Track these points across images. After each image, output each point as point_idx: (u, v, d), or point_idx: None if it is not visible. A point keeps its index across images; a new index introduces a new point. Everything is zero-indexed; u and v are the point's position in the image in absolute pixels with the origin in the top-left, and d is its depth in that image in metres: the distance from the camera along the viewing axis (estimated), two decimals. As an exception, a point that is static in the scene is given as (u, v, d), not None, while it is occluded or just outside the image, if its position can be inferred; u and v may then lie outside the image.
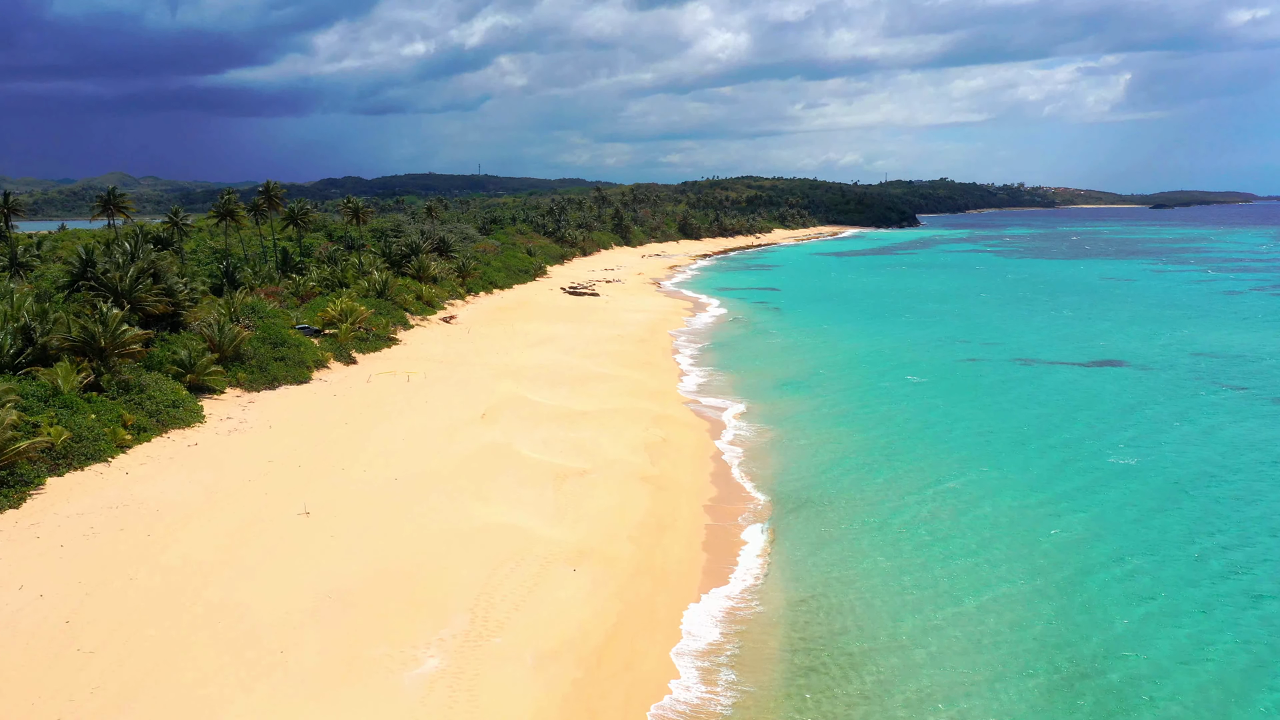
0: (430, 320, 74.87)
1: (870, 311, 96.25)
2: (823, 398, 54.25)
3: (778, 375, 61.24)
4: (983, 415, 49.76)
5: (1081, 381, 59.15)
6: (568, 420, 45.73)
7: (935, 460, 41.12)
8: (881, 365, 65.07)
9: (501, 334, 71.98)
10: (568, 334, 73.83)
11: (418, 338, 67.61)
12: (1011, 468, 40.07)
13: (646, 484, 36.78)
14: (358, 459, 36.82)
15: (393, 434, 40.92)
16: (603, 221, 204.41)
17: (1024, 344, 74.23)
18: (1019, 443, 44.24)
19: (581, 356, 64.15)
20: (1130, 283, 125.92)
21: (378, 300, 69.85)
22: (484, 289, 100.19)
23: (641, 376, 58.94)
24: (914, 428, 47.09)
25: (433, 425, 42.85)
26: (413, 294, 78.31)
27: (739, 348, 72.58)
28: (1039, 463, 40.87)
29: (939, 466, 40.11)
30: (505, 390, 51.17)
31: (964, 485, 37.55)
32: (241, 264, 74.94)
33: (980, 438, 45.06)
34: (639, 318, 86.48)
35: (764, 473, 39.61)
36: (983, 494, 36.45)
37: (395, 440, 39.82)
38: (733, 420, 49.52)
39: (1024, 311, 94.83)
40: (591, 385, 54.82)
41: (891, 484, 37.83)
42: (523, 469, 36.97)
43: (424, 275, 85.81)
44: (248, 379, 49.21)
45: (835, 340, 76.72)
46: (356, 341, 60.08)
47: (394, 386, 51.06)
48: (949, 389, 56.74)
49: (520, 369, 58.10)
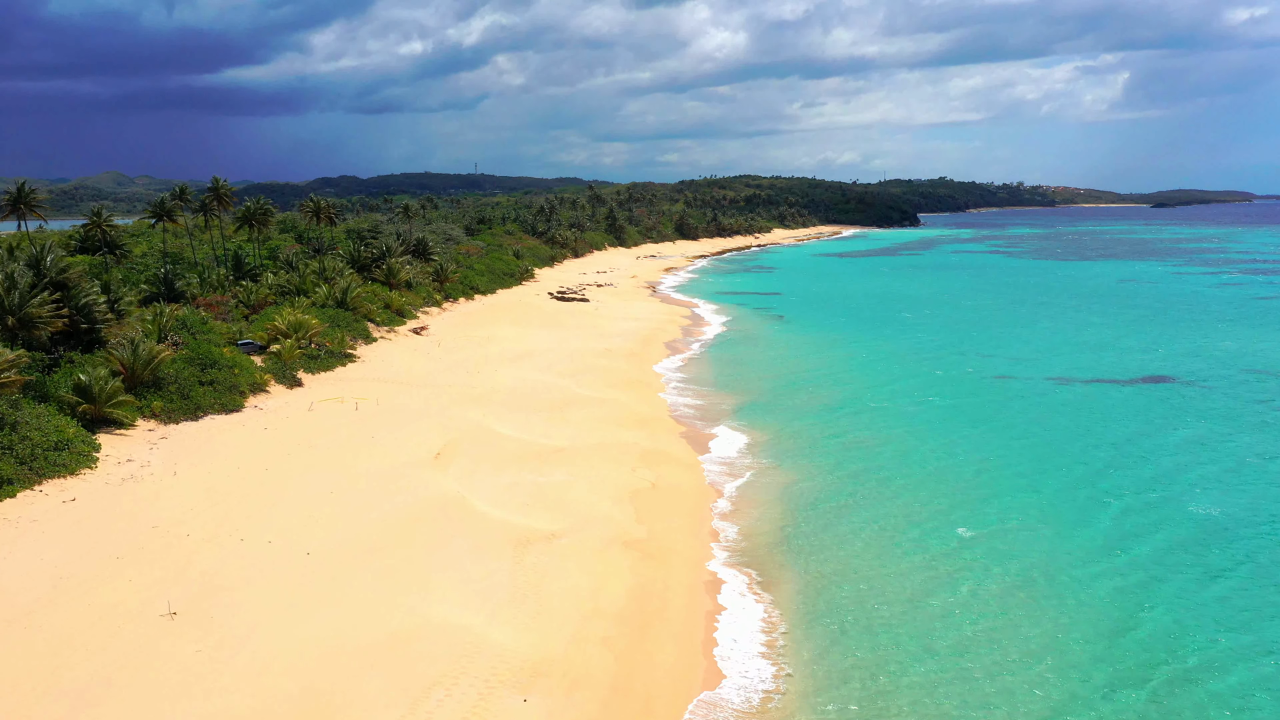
0: (397, 332, 67.49)
1: (881, 319, 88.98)
2: (837, 427, 46.98)
3: (785, 397, 53.97)
4: (1021, 451, 42.53)
5: (1130, 404, 51.91)
6: (539, 460, 38.43)
7: (968, 514, 33.90)
8: (901, 384, 57.78)
9: (475, 347, 64.64)
10: (550, 347, 66.51)
11: (380, 353, 60.23)
12: (1065, 524, 32.84)
13: (630, 551, 29.49)
14: (269, 521, 29.47)
15: (321, 482, 33.57)
16: (596, 221, 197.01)
17: (1055, 358, 67.00)
18: (1069, 488, 37.01)
19: (563, 374, 56.83)
20: (1154, 286, 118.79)
21: (336, 311, 62.46)
22: (464, 294, 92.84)
23: (630, 399, 51.65)
24: (942, 469, 39.83)
25: (374, 469, 35.51)
26: (379, 302, 70.96)
27: (741, 363, 65.29)
28: (1099, 517, 33.67)
29: (973, 521, 32.86)
30: (469, 420, 43.85)
31: (1006, 550, 30.41)
32: (187, 270, 67.51)
33: (1022, 482, 37.78)
34: (631, 327, 79.18)
35: (772, 530, 32.33)
36: (1032, 563, 29.29)
37: (322, 492, 32.47)
38: (736, 455, 42.28)
39: (1048, 319, 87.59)
40: (572, 411, 47.54)
41: (921, 548, 30.60)
42: (476, 532, 29.67)
43: (394, 281, 78.43)
44: (165, 408, 41.85)
45: (846, 354, 69.44)
46: (306, 360, 52.75)
47: (338, 416, 43.73)
48: (979, 416, 49.47)
49: (491, 391, 50.77)
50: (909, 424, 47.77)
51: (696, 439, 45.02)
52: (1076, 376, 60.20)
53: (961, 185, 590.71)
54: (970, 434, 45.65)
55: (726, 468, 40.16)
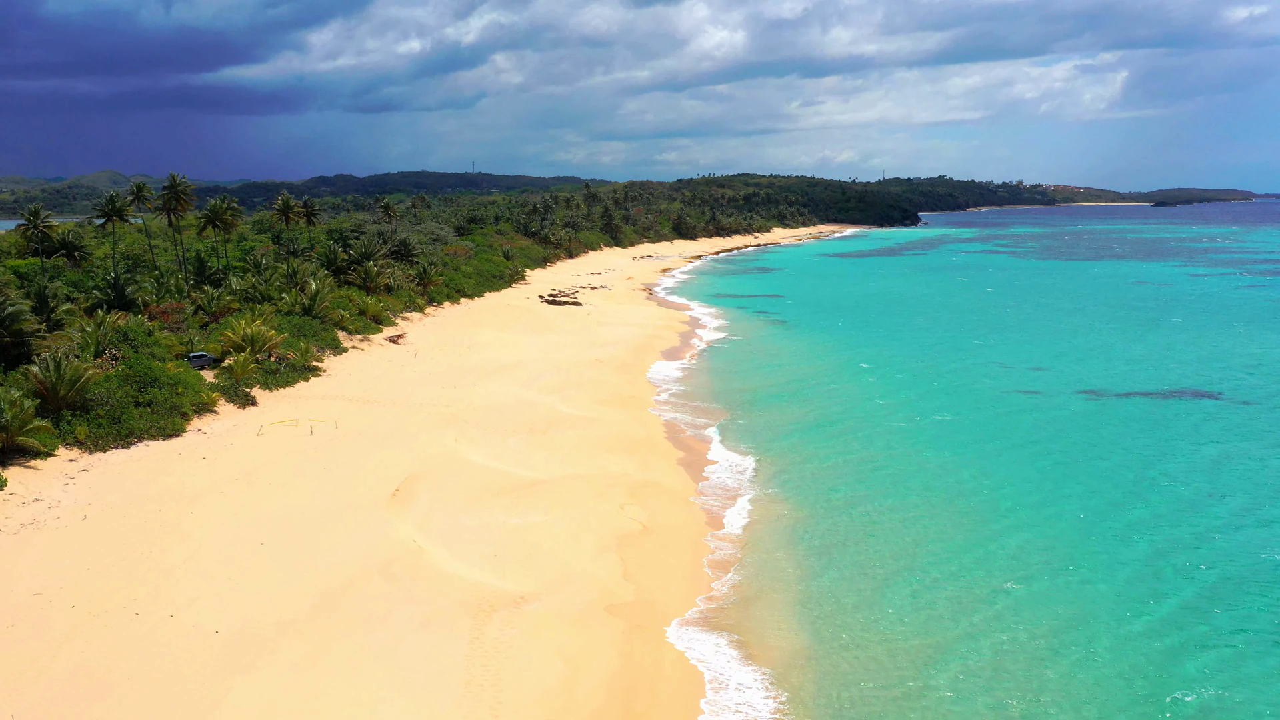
0: (371, 341, 62.52)
1: (889, 324, 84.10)
2: (845, 448, 42.14)
3: (789, 414, 49.11)
4: (1045, 475, 38.03)
5: (1173, 424, 47.05)
6: (514, 496, 33.54)
7: (989, 553, 29.42)
8: (914, 398, 52.91)
9: (455, 358, 59.70)
10: (536, 356, 61.59)
11: (349, 365, 55.26)
12: (1096, 566, 28.37)
13: (614, 620, 24.62)
14: (178, 585, 24.55)
15: (254, 529, 28.65)
16: (592, 221, 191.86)
17: (1080, 368, 62.17)
18: (1097, 520, 32.66)
19: (548, 389, 51.93)
20: (1170, 288, 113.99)
21: (302, 319, 57.49)
22: (449, 298, 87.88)
23: (620, 418, 46.77)
24: (960, 499, 35.06)
25: (319, 510, 30.61)
26: (354, 308, 66.01)
27: (741, 374, 60.39)
28: (1132, 556, 29.41)
29: (994, 563, 28.09)
30: (438, 446, 38.94)
31: (1030, 600, 26.05)
32: (145, 274, 62.53)
33: (1046, 512, 33.07)
34: (624, 334, 74.27)
35: (785, 585, 27.49)
36: (1060, 621, 24.82)
37: (251, 543, 27.55)
38: (737, 484, 37.44)
39: (1065, 324, 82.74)
40: (556, 434, 42.65)
41: (936, 599, 25.83)
42: (429, 596, 24.78)
43: (372, 285, 73.48)
44: (92, 434, 36.91)
45: (853, 363, 64.56)
46: (263, 375, 47.81)
47: (289, 442, 38.80)
48: (999, 435, 44.65)
49: (467, 410, 45.87)
50: (923, 444, 43.08)
51: (693, 464, 40.18)
52: (1103, 389, 55.45)
53: (961, 184, 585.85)
54: (992, 456, 41.03)
55: (728, 502, 35.32)
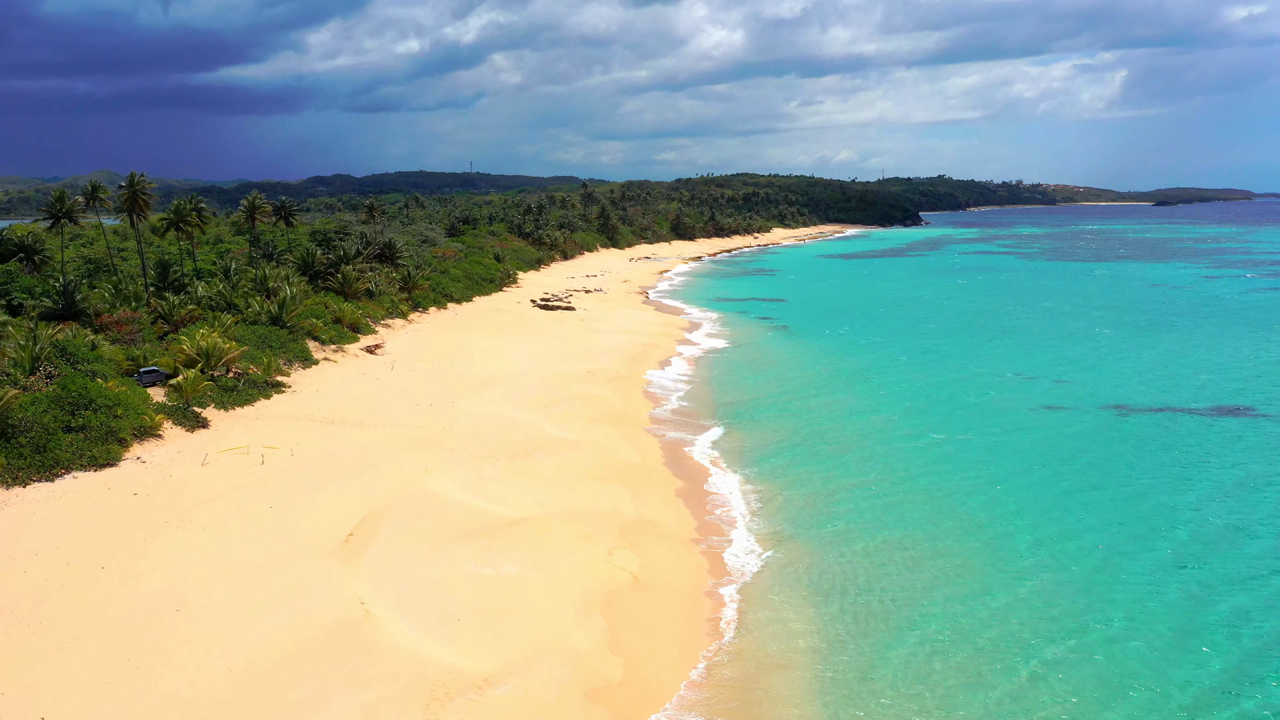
0: (346, 352, 58.13)
1: (897, 331, 79.77)
2: (861, 475, 37.84)
3: (798, 434, 44.80)
4: (1088, 513, 33.74)
5: (1201, 443, 42.82)
6: (488, 539, 29.20)
7: (1033, 615, 24.92)
8: (932, 416, 48.56)
9: (436, 370, 55.33)
10: (524, 368, 57.24)
11: (318, 380, 50.86)
12: (1164, 642, 23.84)
13: (597, 707, 20.29)
14: (59, 675, 20.17)
15: (172, 591, 24.28)
16: (588, 221, 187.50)
17: (1107, 379, 57.89)
18: (1156, 574, 28.12)
19: (534, 406, 47.59)
20: (1189, 291, 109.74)
21: (268, 328, 53.09)
22: (435, 303, 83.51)
23: (613, 440, 42.43)
24: (993, 540, 30.73)
25: (255, 563, 26.24)
26: (329, 315, 61.63)
27: (744, 387, 56.03)
28: (1198, 625, 25.02)
29: (1043, 632, 23.75)
30: (406, 477, 34.58)
31: (1090, 684, 21.47)
32: (103, 280, 58.11)
33: (1094, 561, 28.72)
34: (619, 342, 69.93)
35: (796, 656, 23.14)
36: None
37: (166, 609, 23.17)
38: (743, 519, 33.20)
39: (1081, 330, 78.46)
40: (540, 460, 38.31)
41: (978, 682, 21.45)
42: (375, 679, 20.43)
43: (351, 290, 69.11)
44: (11, 466, 32.55)
45: (862, 374, 60.23)
46: (219, 393, 43.44)
47: (237, 473, 34.42)
48: (1031, 461, 40.38)
49: (443, 432, 41.52)
50: (946, 471, 38.87)
51: (693, 495, 35.87)
52: (1125, 402, 51.25)
53: (961, 183, 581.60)
54: (1025, 488, 36.77)
55: (732, 542, 31.04)
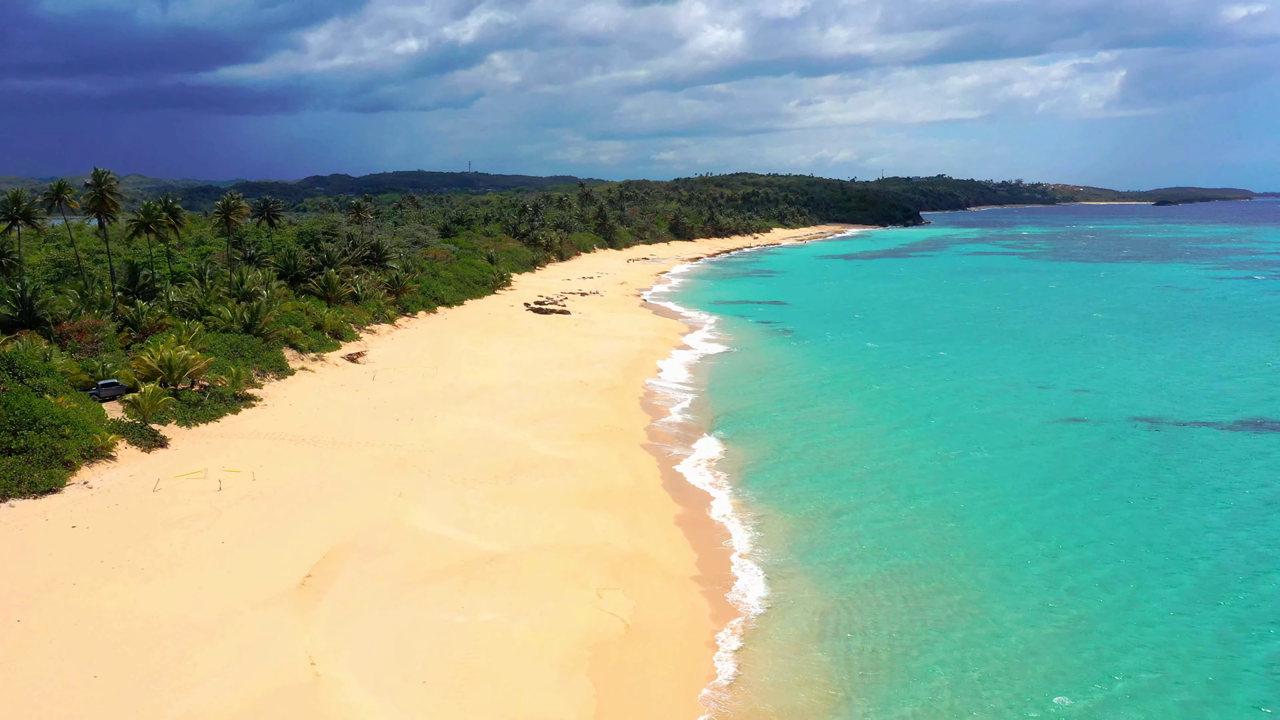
0: (326, 360, 55.04)
1: (903, 335, 76.76)
2: (874, 498, 34.88)
3: (805, 452, 41.79)
4: (1121, 542, 30.93)
5: (1251, 465, 39.80)
6: (464, 579, 26.17)
7: (1063, 663, 21.84)
8: (946, 428, 45.59)
9: (419, 380, 52.28)
10: (513, 378, 54.20)
11: (293, 392, 47.78)
12: (1216, 695, 20.84)
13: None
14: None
15: (93, 651, 21.23)
16: (585, 221, 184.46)
17: (1129, 389, 54.91)
18: (1229, 642, 25.03)
19: (523, 420, 44.56)
20: (1199, 294, 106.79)
21: (241, 337, 50.01)
22: (425, 307, 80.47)
23: (607, 459, 39.40)
24: (1019, 574, 27.73)
25: (196, 615, 23.16)
26: (309, 322, 58.56)
27: (747, 398, 52.96)
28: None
29: (1075, 683, 20.74)
30: (377, 505, 31.55)
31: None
32: (69, 285, 55.03)
33: (1122, 597, 25.76)
34: (615, 349, 66.90)
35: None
36: None
37: (81, 676, 20.12)
38: (749, 551, 30.23)
39: (1098, 335, 75.47)
40: (527, 482, 35.29)
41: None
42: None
43: (333, 294, 66.03)
44: (-60, 494, 29.53)
45: (872, 385, 57.19)
46: (182, 408, 40.39)
47: (191, 501, 31.37)
48: (1057, 479, 37.48)
49: (423, 451, 38.48)
50: (954, 491, 36.19)
51: (694, 523, 32.91)
52: (1153, 415, 48.31)
53: (961, 183, 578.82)
54: (1039, 510, 34.08)
55: (735, 580, 28.05)
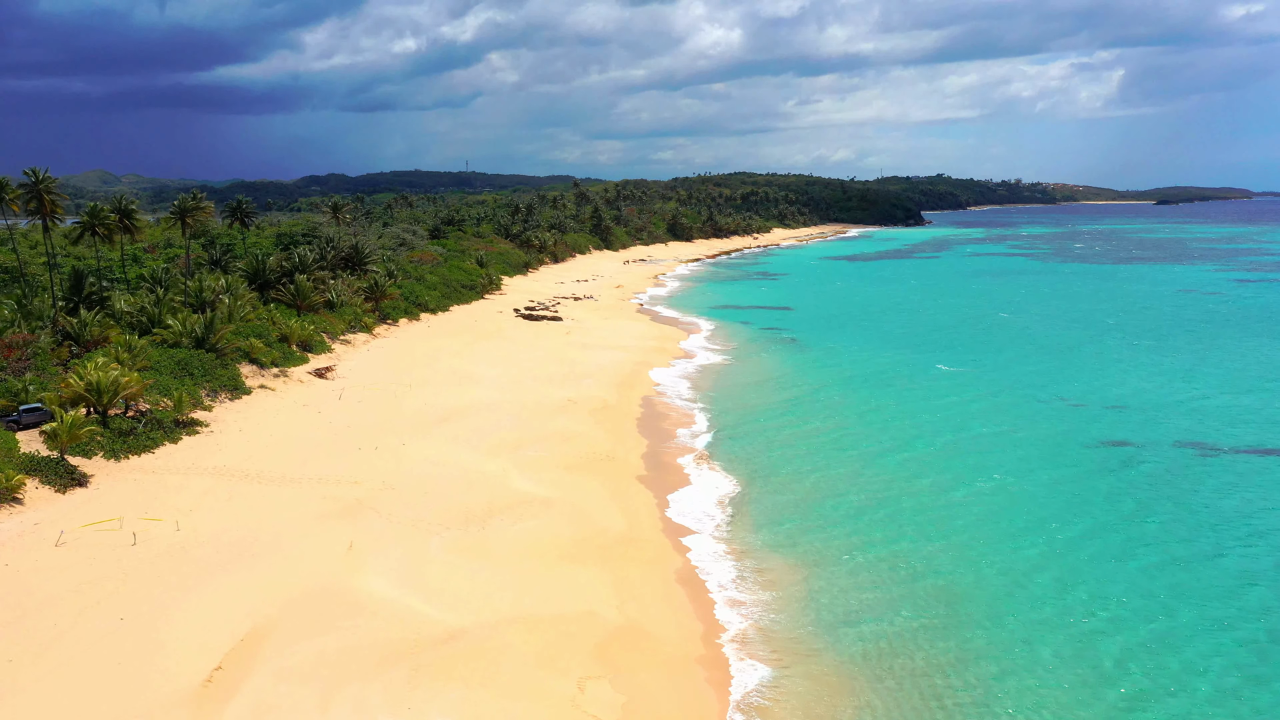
0: (290, 376, 50.01)
1: (917, 345, 71.82)
2: (897, 545, 30.02)
3: (817, 482, 36.90)
4: (1184, 598, 26.11)
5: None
6: (414, 668, 21.20)
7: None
8: (974, 455, 40.69)
9: (390, 400, 47.27)
10: (495, 397, 49.21)
11: (245, 415, 42.75)
12: None
13: None
14: None
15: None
16: (580, 222, 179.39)
17: (1164, 407, 50.09)
18: None
19: (503, 448, 39.57)
20: (1223, 298, 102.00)
21: (190, 352, 45.00)
22: (407, 314, 75.48)
23: (596, 496, 34.45)
24: (1069, 639, 22.85)
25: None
26: (274, 333, 53.55)
27: (752, 418, 47.96)
28: None
29: None
30: (319, 563, 26.56)
31: None
32: (6, 294, 50.01)
33: (1193, 665, 20.92)
34: (609, 360, 61.94)
35: None
36: None
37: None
38: (757, 618, 25.40)
39: (1125, 345, 70.60)
40: (500, 529, 30.34)
41: None
42: None
43: (305, 302, 61.01)
44: None
45: (884, 399, 52.22)
46: (111, 438, 35.39)
47: (99, 557, 26.37)
48: (1098, 521, 32.75)
49: (383, 487, 33.49)
50: (989, 536, 31.75)
51: (696, 584, 28.01)
52: (1204, 440, 43.56)
53: (961, 182, 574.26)
54: (1091, 562, 29.36)
55: (743, 660, 23.14)
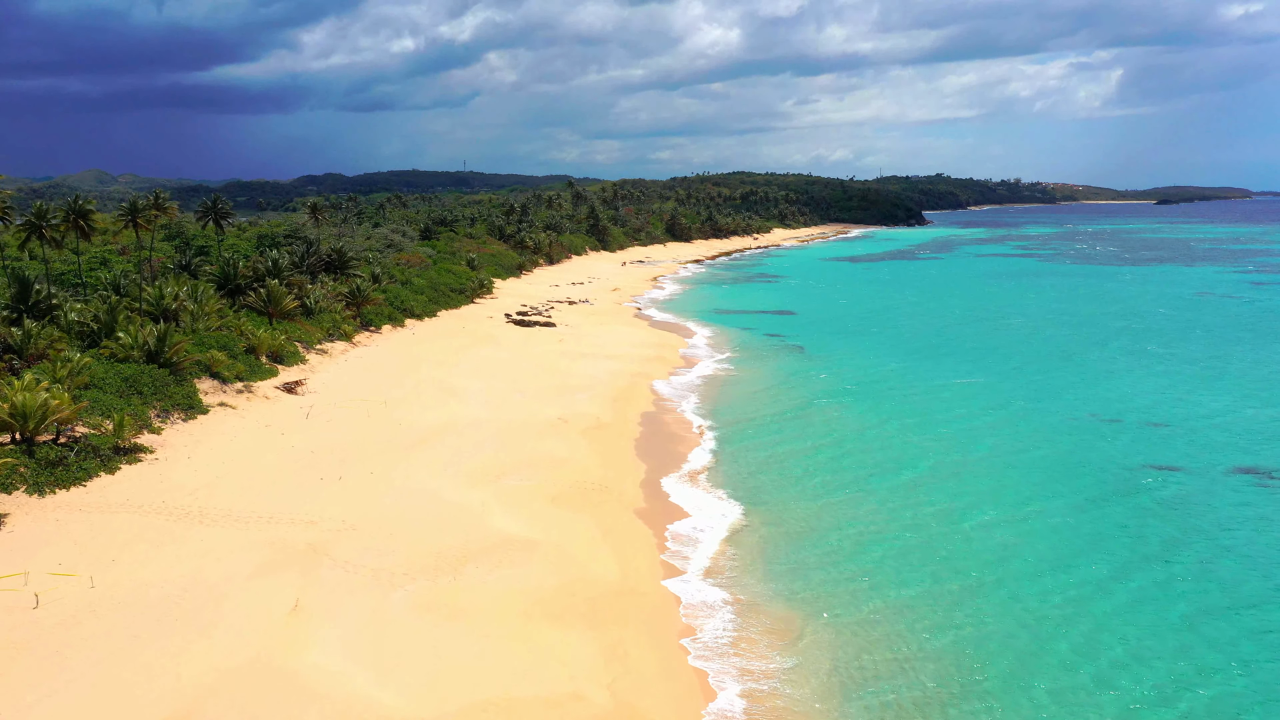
0: (255, 391, 45.86)
1: (932, 353, 67.81)
2: (935, 602, 25.85)
3: (838, 519, 32.78)
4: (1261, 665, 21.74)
5: None
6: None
7: None
8: (1012, 482, 36.50)
9: (363, 419, 43.14)
10: (477, 414, 45.07)
11: (198, 438, 38.56)
12: None
13: None
14: None
15: None
16: (576, 222, 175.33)
17: (1213, 426, 46.00)
18: None
19: (483, 475, 35.46)
20: (1238, 300, 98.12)
21: (140, 368, 40.84)
22: (391, 320, 71.40)
23: (586, 540, 30.33)
24: None
25: None
26: (241, 345, 49.43)
27: (760, 439, 43.79)
28: None
29: None
30: (254, 631, 22.43)
31: None
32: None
33: None
34: (604, 371, 57.85)
35: None
36: None
37: None
38: (779, 698, 21.30)
39: (1154, 353, 66.59)
40: (474, 579, 26.24)
41: None
42: None
43: (277, 309, 56.87)
44: None
45: (904, 416, 48.13)
46: (38, 470, 31.26)
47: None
48: (1160, 570, 28.49)
49: (342, 528, 29.38)
50: (1021, 579, 27.55)
51: (708, 650, 23.86)
52: (1266, 466, 39.31)
53: (961, 181, 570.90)
54: (1142, 617, 24.99)
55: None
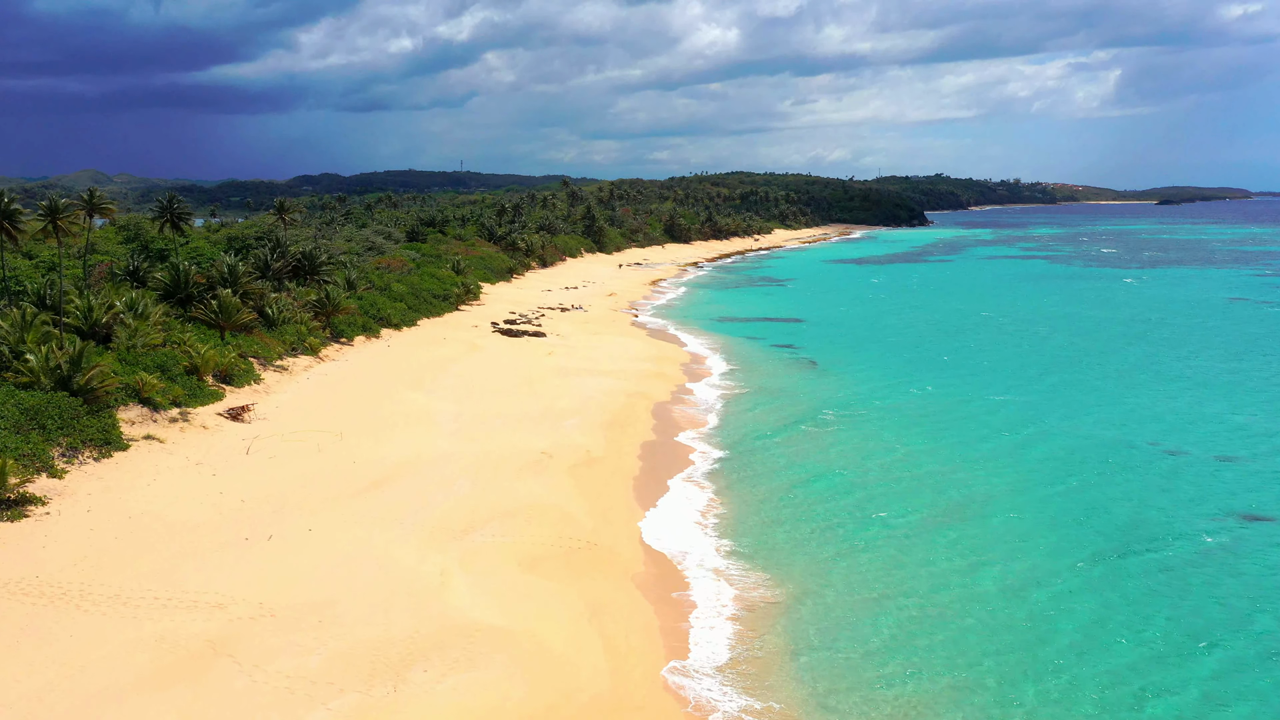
0: (193, 419, 39.69)
1: (959, 368, 61.77)
2: (1008, 697, 19.90)
3: (864, 583, 26.76)
4: None
5: None
6: None
7: None
8: (1058, 526, 30.42)
9: (312, 454, 36.95)
10: (447, 447, 38.91)
11: (107, 481, 32.35)
12: None
13: None
14: None
15: None
16: (572, 223, 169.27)
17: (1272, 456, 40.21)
18: None
19: (444, 536, 29.32)
20: (1272, 307, 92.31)
21: (50, 396, 34.62)
22: (366, 330, 65.30)
23: (572, 628, 24.25)
24: None
25: None
26: (182, 363, 43.32)
27: (777, 477, 37.69)
28: None
29: None
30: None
31: None
32: None
33: None
34: (597, 389, 51.77)
35: None
36: None
37: None
38: None
39: (1193, 364, 60.66)
40: (420, 692, 20.13)
41: None
42: None
43: (229, 321, 50.72)
44: None
45: (938, 448, 42.11)
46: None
47: None
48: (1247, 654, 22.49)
49: (253, 614, 23.23)
50: (1061, 668, 20.95)
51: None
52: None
53: (961, 181, 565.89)
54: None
55: None
